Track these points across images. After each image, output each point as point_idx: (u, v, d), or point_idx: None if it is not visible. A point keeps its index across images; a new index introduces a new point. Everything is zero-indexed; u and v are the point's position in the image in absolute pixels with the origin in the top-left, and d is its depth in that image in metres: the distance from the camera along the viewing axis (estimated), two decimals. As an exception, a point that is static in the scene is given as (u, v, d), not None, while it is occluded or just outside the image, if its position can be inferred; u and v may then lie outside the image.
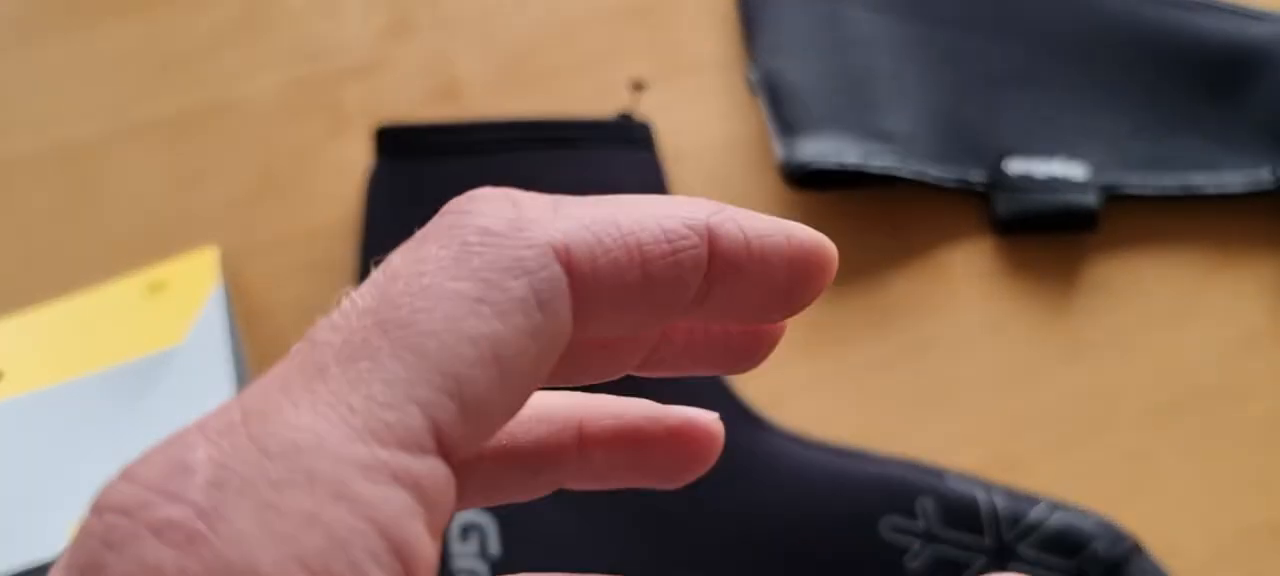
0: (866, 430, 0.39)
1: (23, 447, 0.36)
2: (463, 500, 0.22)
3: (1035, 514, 0.36)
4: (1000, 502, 0.36)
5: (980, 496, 0.37)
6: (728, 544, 0.37)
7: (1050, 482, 0.38)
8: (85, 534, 0.14)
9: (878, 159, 0.42)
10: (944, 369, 0.40)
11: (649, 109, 0.45)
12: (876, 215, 0.43)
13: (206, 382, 0.37)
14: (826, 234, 0.48)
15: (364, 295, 0.16)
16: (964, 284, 0.42)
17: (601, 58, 0.46)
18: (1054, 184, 0.42)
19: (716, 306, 0.19)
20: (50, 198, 0.44)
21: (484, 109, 0.45)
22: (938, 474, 0.37)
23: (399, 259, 0.16)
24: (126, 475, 0.14)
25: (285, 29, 0.47)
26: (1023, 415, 0.40)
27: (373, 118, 0.44)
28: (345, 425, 0.15)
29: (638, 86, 0.45)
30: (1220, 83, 0.44)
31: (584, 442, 0.22)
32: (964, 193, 0.43)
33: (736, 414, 0.39)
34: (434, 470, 0.15)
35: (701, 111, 0.45)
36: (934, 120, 0.44)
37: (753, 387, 0.40)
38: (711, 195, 0.48)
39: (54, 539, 0.34)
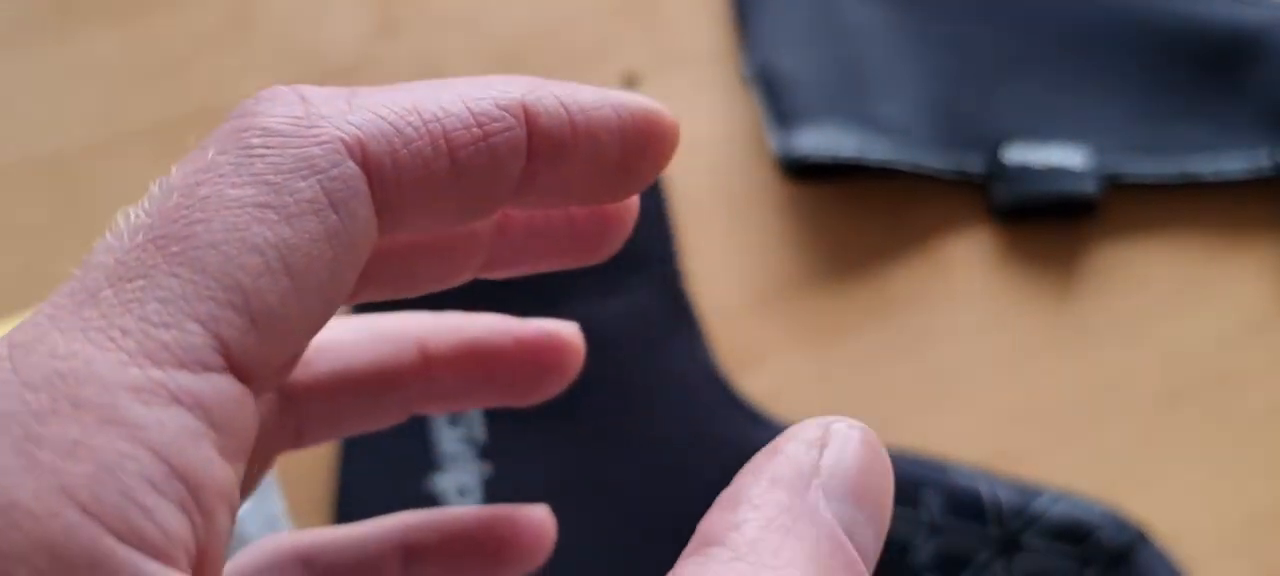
0: (868, 424, 0.39)
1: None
2: (309, 437, 0.21)
3: (1040, 504, 0.36)
4: (1005, 494, 0.36)
5: (984, 488, 0.36)
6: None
7: (1054, 472, 0.38)
8: None
9: (874, 150, 0.41)
10: (945, 360, 0.40)
11: (642, 104, 0.44)
12: (874, 206, 0.42)
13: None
14: (824, 225, 0.48)
15: (139, 212, 0.15)
16: (964, 274, 0.41)
17: (593, 52, 0.46)
18: (1052, 172, 0.42)
19: (545, 190, 0.17)
20: (40, 207, 0.43)
21: (475, 108, 0.45)
22: (941, 466, 0.37)
23: (177, 171, 0.15)
24: None
25: (272, 32, 0.47)
26: (1025, 405, 0.39)
27: (363, 119, 0.44)
28: (115, 348, 0.14)
29: (631, 81, 0.45)
30: (1218, 68, 0.44)
31: (428, 361, 0.21)
32: (962, 182, 0.43)
33: (736, 410, 0.38)
34: (221, 388, 0.14)
35: (696, 104, 0.45)
36: (930, 109, 0.43)
37: (753, 384, 0.39)
38: (708, 188, 0.48)
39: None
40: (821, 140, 0.41)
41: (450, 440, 0.38)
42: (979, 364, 0.40)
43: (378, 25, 0.47)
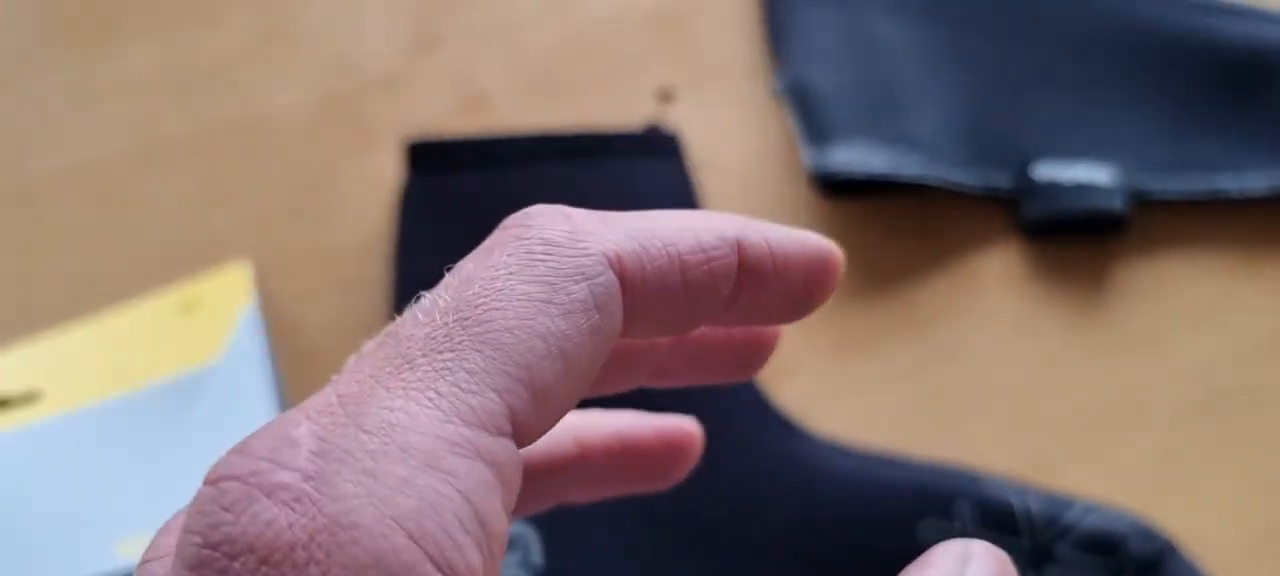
0: (901, 435, 0.39)
1: (63, 466, 0.36)
2: None
3: (1071, 515, 0.37)
4: (1036, 505, 0.37)
5: (1016, 499, 0.37)
6: (766, 552, 0.37)
7: (1083, 484, 0.38)
8: (202, 499, 0.15)
9: (905, 166, 0.42)
10: (975, 372, 0.41)
11: (677, 119, 0.45)
12: (905, 222, 0.43)
13: (247, 398, 0.37)
14: (856, 241, 0.48)
15: (442, 296, 0.18)
16: (993, 288, 0.42)
17: (628, 68, 0.47)
18: (1080, 188, 0.42)
19: (742, 310, 0.21)
20: (80, 217, 0.44)
21: (510, 121, 0.45)
22: (973, 477, 0.37)
23: (472, 265, 0.18)
24: (237, 449, 0.16)
25: (309, 45, 0.47)
26: (1054, 417, 0.40)
27: (399, 132, 0.45)
28: (434, 407, 0.16)
29: (665, 96, 0.45)
30: (1243, 85, 0.44)
31: (583, 451, 0.24)
32: (991, 198, 0.43)
33: (772, 422, 0.39)
34: (509, 450, 0.17)
35: (729, 120, 0.45)
36: (960, 125, 0.44)
37: (788, 396, 0.40)
38: (741, 204, 0.48)
39: (92, 557, 0.34)
40: (854, 156, 0.42)
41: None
42: (1009, 376, 0.41)
43: (415, 40, 0.47)
